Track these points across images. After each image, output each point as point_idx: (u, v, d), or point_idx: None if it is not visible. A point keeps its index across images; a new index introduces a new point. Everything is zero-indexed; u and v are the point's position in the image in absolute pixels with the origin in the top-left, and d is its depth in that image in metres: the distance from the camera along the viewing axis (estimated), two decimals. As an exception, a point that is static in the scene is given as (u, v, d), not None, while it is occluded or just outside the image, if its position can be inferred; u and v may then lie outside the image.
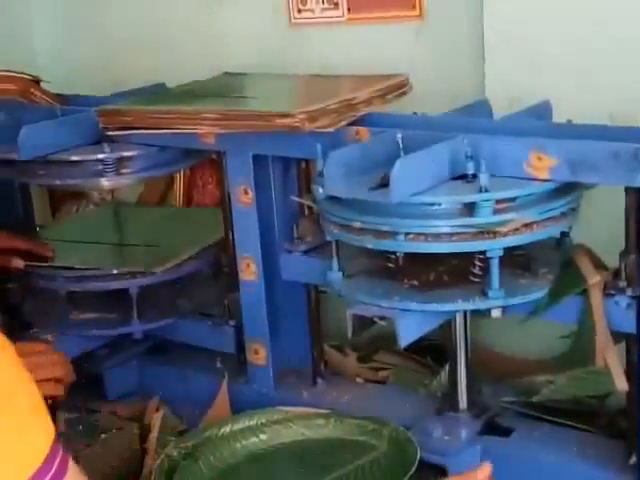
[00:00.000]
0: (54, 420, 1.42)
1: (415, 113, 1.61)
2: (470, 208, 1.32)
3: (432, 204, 1.34)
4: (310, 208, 1.67)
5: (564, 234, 1.48)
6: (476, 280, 1.42)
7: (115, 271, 1.79)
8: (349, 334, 1.40)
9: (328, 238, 1.47)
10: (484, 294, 1.38)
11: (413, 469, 1.36)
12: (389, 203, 1.30)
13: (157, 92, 1.93)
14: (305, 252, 1.65)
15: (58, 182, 1.78)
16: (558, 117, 1.55)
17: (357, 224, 1.38)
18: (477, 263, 1.42)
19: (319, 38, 2.01)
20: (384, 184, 1.32)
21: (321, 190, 1.41)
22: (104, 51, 2.36)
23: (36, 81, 1.98)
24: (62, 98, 1.98)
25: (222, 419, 1.59)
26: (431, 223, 1.34)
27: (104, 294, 1.82)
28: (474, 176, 1.35)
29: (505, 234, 1.33)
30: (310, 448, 1.48)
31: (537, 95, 1.58)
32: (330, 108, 1.54)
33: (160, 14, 2.28)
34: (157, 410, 1.72)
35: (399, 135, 1.42)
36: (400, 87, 1.69)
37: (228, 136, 1.61)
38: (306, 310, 1.72)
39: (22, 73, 1.98)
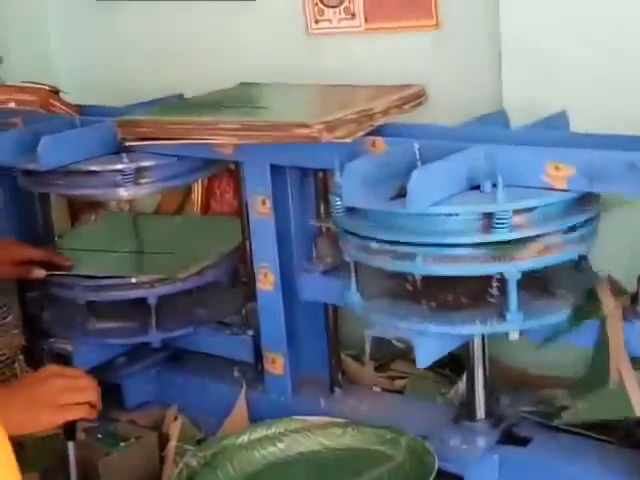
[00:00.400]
0: (74, 429, 1.46)
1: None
2: (488, 219, 1.33)
3: (449, 215, 1.34)
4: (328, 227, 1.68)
5: (582, 256, 1.48)
6: (494, 301, 1.43)
7: (134, 280, 1.80)
8: (367, 355, 1.42)
9: (346, 259, 1.49)
10: (502, 316, 1.38)
11: (431, 478, 1.36)
12: (406, 217, 1.31)
13: (175, 103, 1.94)
14: (324, 272, 1.66)
15: (77, 192, 1.80)
16: (575, 127, 1.55)
17: (375, 246, 1.40)
18: (495, 284, 1.43)
19: (336, 48, 2.01)
20: (401, 194, 1.33)
21: (338, 201, 1.42)
22: (122, 61, 2.38)
23: (55, 92, 2.00)
24: (81, 109, 2.00)
25: (240, 428, 1.60)
26: (447, 235, 1.34)
27: (123, 303, 1.84)
28: (493, 186, 1.35)
29: (524, 258, 1.34)
30: (328, 458, 1.49)
31: (554, 105, 1.58)
32: (347, 118, 1.54)
33: (177, 25, 2.29)
34: (175, 419, 1.73)
35: (416, 145, 1.43)
36: (417, 97, 1.69)
37: (246, 146, 1.62)
38: (324, 319, 1.73)
39: (41, 84, 2.00)
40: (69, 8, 2.47)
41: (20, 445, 1.50)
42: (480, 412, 1.54)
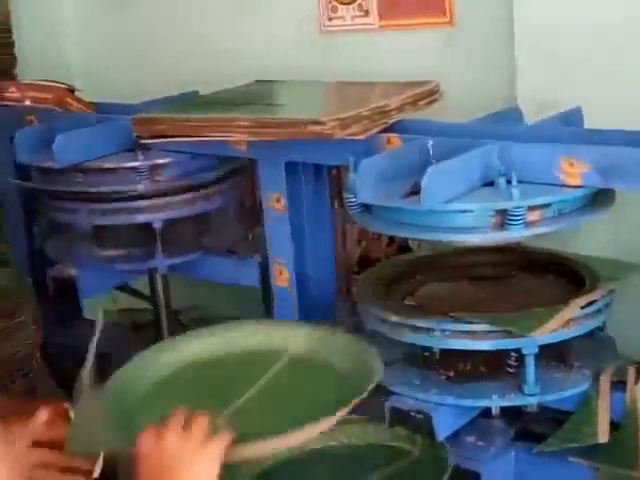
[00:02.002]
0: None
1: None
2: (502, 215, 1.33)
3: (463, 211, 1.35)
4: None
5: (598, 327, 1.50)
6: (512, 371, 1.45)
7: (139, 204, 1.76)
8: (386, 425, 1.44)
9: (367, 328, 1.51)
10: (519, 388, 1.41)
11: (447, 475, 1.36)
12: (420, 214, 1.31)
13: (190, 100, 1.94)
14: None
15: (92, 189, 1.80)
16: (589, 124, 1.55)
17: (394, 318, 1.43)
18: (513, 354, 1.44)
19: (350, 45, 2.02)
20: (415, 191, 1.33)
21: (352, 197, 1.42)
22: (137, 59, 2.39)
23: (71, 90, 2.01)
24: (96, 106, 2.01)
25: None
26: (461, 232, 1.35)
27: (128, 231, 1.82)
28: (507, 182, 1.36)
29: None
30: (344, 453, 1.49)
31: (568, 101, 1.58)
32: (361, 115, 1.54)
33: (192, 22, 2.30)
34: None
35: (430, 142, 1.43)
36: (431, 94, 1.69)
37: (260, 143, 1.62)
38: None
39: (57, 82, 2.01)
40: (84, 7, 2.49)
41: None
42: (496, 409, 1.54)
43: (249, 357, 1.42)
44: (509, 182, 1.34)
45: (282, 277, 1.70)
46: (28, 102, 1.96)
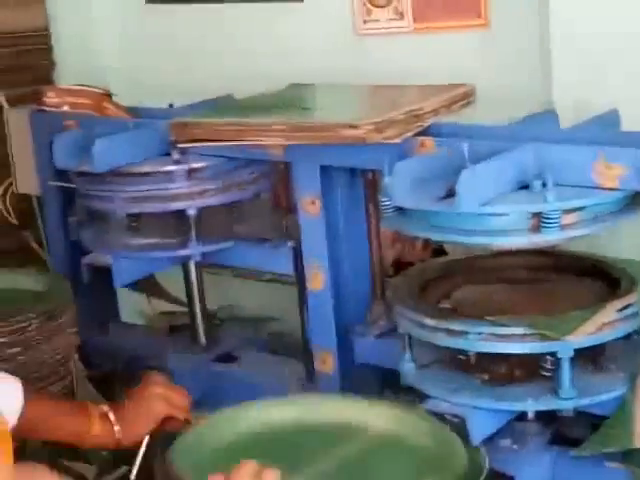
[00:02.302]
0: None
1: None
2: (537, 218, 1.33)
3: (498, 214, 1.35)
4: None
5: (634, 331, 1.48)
6: (547, 374, 1.44)
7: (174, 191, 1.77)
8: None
9: (400, 331, 1.52)
10: (555, 392, 1.40)
11: (482, 478, 1.36)
12: (455, 217, 1.31)
13: (225, 104, 1.96)
14: (378, 336, 1.68)
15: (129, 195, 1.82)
16: (626, 126, 1.54)
17: (430, 322, 1.44)
18: (548, 357, 1.43)
19: (384, 48, 2.02)
20: (450, 194, 1.33)
21: (387, 201, 1.43)
22: (171, 63, 2.41)
23: (108, 95, 2.03)
24: (133, 111, 2.02)
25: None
26: (496, 235, 1.36)
27: (163, 219, 1.84)
28: (543, 185, 1.35)
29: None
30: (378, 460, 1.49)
31: (605, 104, 1.57)
32: (397, 119, 1.55)
33: (226, 26, 2.32)
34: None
35: (465, 145, 1.43)
36: (466, 97, 1.69)
37: (295, 147, 1.63)
38: (373, 319, 1.74)
39: (95, 87, 2.03)
40: (119, 12, 2.51)
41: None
42: (530, 412, 1.53)
43: (326, 429, 1.43)
44: (545, 185, 1.34)
45: (317, 280, 1.71)
46: (66, 107, 1.98)
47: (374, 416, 1.43)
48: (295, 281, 1.80)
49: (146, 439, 1.50)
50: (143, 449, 1.50)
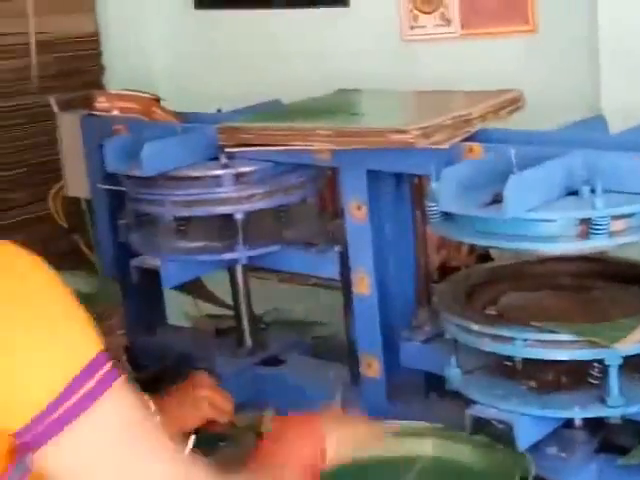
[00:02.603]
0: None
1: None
2: (586, 225, 1.32)
3: (546, 220, 1.34)
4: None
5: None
6: (594, 382, 1.43)
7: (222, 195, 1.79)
8: (467, 433, 1.44)
9: (447, 336, 1.52)
10: (602, 400, 1.39)
11: (528, 485, 1.36)
12: (502, 223, 1.32)
13: (273, 109, 1.97)
14: (424, 341, 1.68)
15: (178, 199, 1.84)
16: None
17: (475, 327, 1.43)
18: (596, 365, 1.43)
19: (431, 54, 2.02)
20: (497, 200, 1.33)
21: (434, 206, 1.43)
22: (219, 68, 2.43)
23: (157, 99, 2.05)
24: (181, 115, 2.05)
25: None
26: (544, 242, 1.35)
27: (210, 223, 1.85)
28: (591, 192, 1.35)
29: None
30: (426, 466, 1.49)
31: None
32: (444, 124, 1.55)
33: (273, 32, 2.33)
34: (272, 420, 1.76)
35: (512, 151, 1.42)
36: (514, 102, 1.69)
37: (343, 152, 1.64)
38: (419, 324, 1.74)
39: (143, 92, 2.05)
40: (168, 18, 2.54)
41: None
42: (578, 419, 1.52)
43: (381, 463, 1.47)
44: (593, 191, 1.33)
45: (363, 284, 1.71)
46: (116, 112, 2.01)
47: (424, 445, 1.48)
48: (340, 285, 1.81)
49: (192, 439, 1.51)
50: (189, 449, 1.51)
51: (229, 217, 1.81)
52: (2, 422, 0.95)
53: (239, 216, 1.80)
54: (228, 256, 1.84)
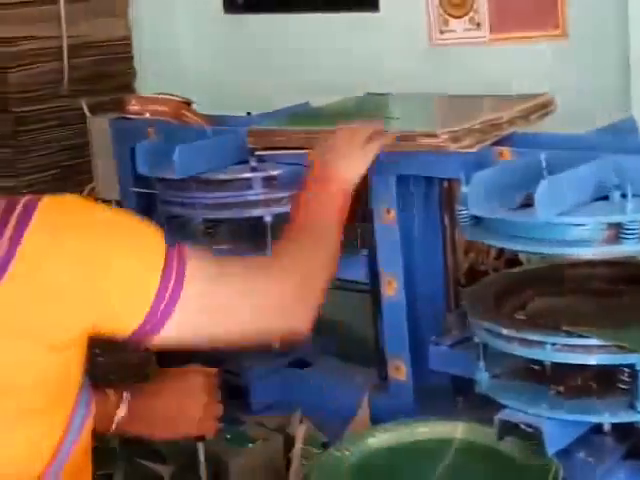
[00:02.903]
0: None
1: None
2: (616, 229, 1.32)
3: (576, 224, 1.34)
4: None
5: None
6: (624, 387, 1.43)
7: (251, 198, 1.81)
8: (496, 438, 1.44)
9: (476, 340, 1.52)
10: (632, 407, 1.39)
11: (557, 489, 1.35)
12: (532, 227, 1.32)
13: (302, 112, 1.98)
14: (452, 345, 1.68)
15: (208, 201, 1.85)
16: None
17: (505, 332, 1.43)
18: (625, 370, 1.43)
19: (461, 58, 2.02)
20: (527, 204, 1.33)
21: (464, 210, 1.43)
22: (250, 73, 2.44)
23: (187, 103, 2.06)
24: (211, 119, 2.06)
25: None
26: (574, 246, 1.35)
27: (239, 226, 1.86)
28: (622, 196, 1.35)
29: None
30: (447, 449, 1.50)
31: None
32: (474, 128, 1.55)
33: (303, 36, 2.34)
34: (301, 422, 1.77)
35: (543, 155, 1.42)
36: (544, 107, 1.69)
37: (372, 156, 1.64)
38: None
39: (174, 95, 2.07)
40: (199, 23, 2.56)
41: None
42: (607, 425, 1.51)
43: (420, 446, 1.51)
44: (624, 196, 1.33)
45: (391, 288, 1.72)
46: (148, 115, 2.03)
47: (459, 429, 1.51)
48: (368, 288, 1.81)
49: (201, 448, 1.51)
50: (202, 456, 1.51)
51: (258, 220, 1.82)
52: (122, 325, 1.13)
53: (268, 219, 1.81)
54: (257, 257, 1.85)
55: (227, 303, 1.21)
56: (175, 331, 1.15)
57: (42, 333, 1.06)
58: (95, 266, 1.09)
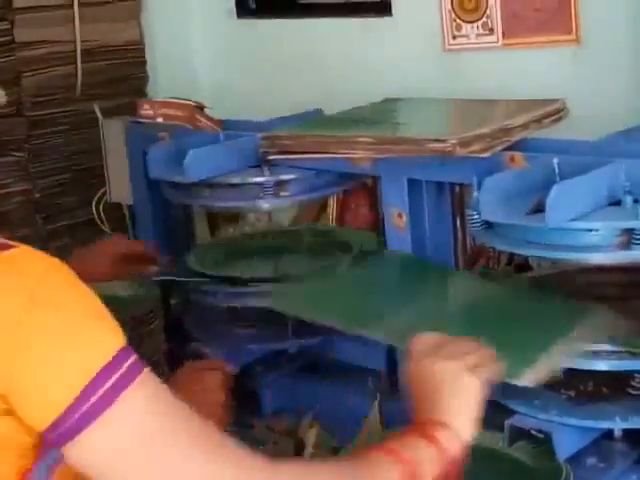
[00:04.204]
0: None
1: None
2: (628, 235, 1.31)
3: (588, 230, 1.34)
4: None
5: None
6: (635, 393, 1.42)
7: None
8: (506, 444, 1.43)
9: None
10: None
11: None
12: (544, 232, 1.31)
13: (315, 118, 1.98)
14: None
15: (220, 204, 1.86)
16: None
17: None
18: (636, 375, 1.42)
19: (474, 63, 2.02)
20: (539, 209, 1.33)
21: (475, 215, 1.43)
22: (264, 78, 2.45)
23: (200, 107, 2.07)
24: (224, 123, 2.06)
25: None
26: (586, 251, 1.35)
27: (261, 311, 1.86)
28: (635, 202, 1.34)
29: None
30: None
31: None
32: (484, 133, 1.55)
33: (316, 40, 2.35)
34: (311, 426, 1.77)
35: (555, 160, 1.42)
36: (557, 112, 1.68)
37: (383, 161, 1.65)
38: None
39: (187, 100, 2.07)
40: (212, 27, 2.57)
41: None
42: (618, 430, 1.50)
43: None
44: (637, 201, 1.33)
45: (402, 293, 1.72)
46: (160, 119, 2.03)
47: None
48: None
49: None
50: None
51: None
52: (27, 422, 0.96)
53: None
54: (279, 346, 1.87)
55: (160, 463, 0.96)
56: (84, 450, 0.95)
57: None
58: (17, 337, 0.94)
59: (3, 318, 0.94)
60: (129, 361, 0.97)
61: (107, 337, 0.97)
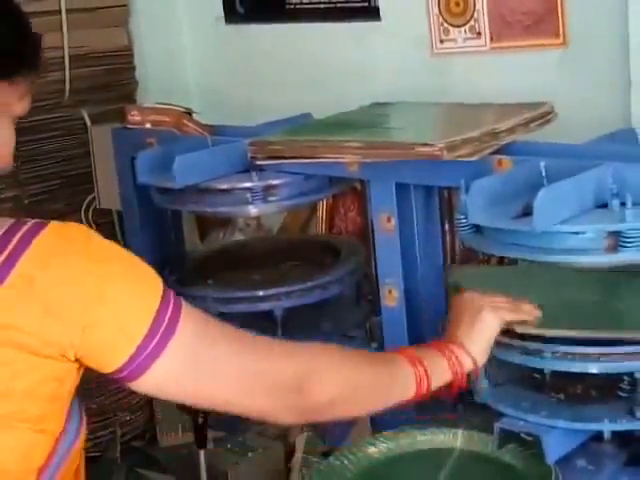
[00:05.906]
0: (203, 437, 1.52)
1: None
2: (615, 238, 1.32)
3: (575, 233, 1.34)
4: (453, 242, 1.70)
5: None
6: (624, 395, 1.43)
7: (261, 293, 1.85)
8: (495, 446, 1.44)
9: None
10: (632, 413, 1.39)
11: (556, 498, 1.35)
12: (531, 235, 1.32)
13: (303, 122, 1.98)
14: None
15: (208, 209, 1.86)
16: None
17: (505, 340, 1.43)
18: (625, 378, 1.43)
19: (462, 67, 2.03)
20: (527, 213, 1.33)
21: (463, 219, 1.43)
22: (252, 83, 2.45)
23: (188, 113, 2.07)
24: (212, 128, 2.06)
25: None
26: (572, 254, 1.35)
27: (251, 316, 1.86)
28: (621, 205, 1.35)
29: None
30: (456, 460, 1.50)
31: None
32: (471, 137, 1.56)
33: (305, 45, 2.35)
34: (301, 431, 1.77)
35: (542, 164, 1.43)
36: (544, 116, 1.69)
37: (372, 165, 1.65)
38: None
39: (175, 105, 2.07)
40: (200, 33, 2.57)
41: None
42: (607, 432, 1.51)
43: (420, 455, 1.51)
44: (623, 204, 1.33)
45: (391, 296, 1.72)
46: (149, 125, 2.03)
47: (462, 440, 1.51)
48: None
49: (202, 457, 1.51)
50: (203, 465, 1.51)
51: (269, 314, 1.84)
52: (103, 362, 1.07)
53: (278, 312, 1.83)
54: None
55: (215, 367, 1.13)
56: (157, 378, 1.09)
57: (32, 343, 1.04)
58: (87, 290, 1.05)
59: (71, 276, 1.05)
60: (171, 295, 1.10)
61: (154, 279, 1.11)
